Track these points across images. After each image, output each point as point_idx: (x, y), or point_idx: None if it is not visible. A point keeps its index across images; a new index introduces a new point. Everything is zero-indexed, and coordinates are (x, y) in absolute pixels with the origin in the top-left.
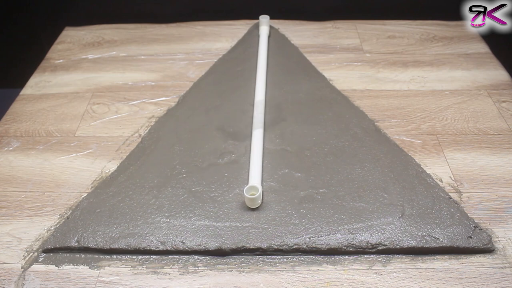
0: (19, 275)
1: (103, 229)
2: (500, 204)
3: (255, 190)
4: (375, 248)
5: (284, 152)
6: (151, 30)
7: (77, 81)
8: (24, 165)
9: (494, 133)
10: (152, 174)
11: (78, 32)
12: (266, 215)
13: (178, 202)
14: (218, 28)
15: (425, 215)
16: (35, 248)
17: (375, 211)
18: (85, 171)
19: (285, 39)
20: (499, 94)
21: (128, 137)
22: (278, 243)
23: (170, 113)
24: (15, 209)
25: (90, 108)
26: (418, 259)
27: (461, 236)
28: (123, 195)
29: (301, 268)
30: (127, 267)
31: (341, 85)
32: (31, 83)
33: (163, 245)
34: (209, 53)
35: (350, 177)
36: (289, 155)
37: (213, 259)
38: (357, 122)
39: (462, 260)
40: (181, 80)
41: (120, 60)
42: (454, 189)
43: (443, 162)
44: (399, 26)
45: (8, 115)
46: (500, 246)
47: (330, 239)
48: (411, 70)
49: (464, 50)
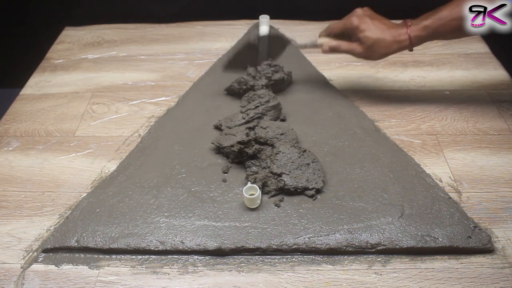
0: (18, 275)
1: (102, 229)
2: (500, 204)
3: (255, 190)
4: (375, 248)
5: None
6: (151, 30)
7: (77, 81)
8: (23, 165)
9: (494, 133)
10: (151, 174)
11: (78, 32)
12: (266, 215)
13: (177, 202)
14: (218, 28)
15: (425, 215)
16: (35, 248)
17: (374, 211)
18: (85, 171)
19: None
20: (499, 94)
21: (127, 137)
22: (278, 243)
23: (170, 113)
24: (15, 209)
25: (90, 108)
26: (417, 259)
27: (460, 236)
28: (123, 195)
29: (301, 268)
30: (127, 267)
31: (341, 85)
32: (31, 83)
33: (162, 245)
34: (209, 53)
35: (349, 177)
36: None
37: (212, 259)
38: (357, 122)
39: (461, 260)
40: (181, 80)
41: (120, 60)
42: (453, 189)
43: (443, 162)
44: None
45: (8, 115)
46: (500, 246)
47: (330, 239)
48: (411, 70)
49: (464, 50)
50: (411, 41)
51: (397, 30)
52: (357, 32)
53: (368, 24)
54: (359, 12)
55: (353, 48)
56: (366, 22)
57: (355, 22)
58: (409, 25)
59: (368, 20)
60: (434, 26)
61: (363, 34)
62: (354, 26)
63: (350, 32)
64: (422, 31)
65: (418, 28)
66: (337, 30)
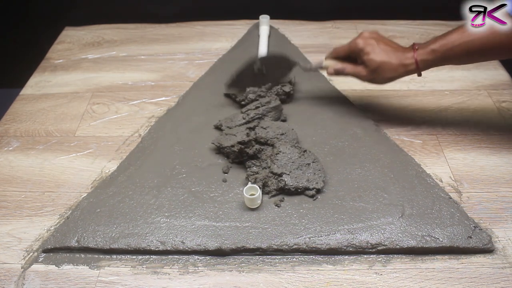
0: (19, 275)
1: (103, 229)
2: (500, 204)
3: (255, 190)
4: (375, 248)
5: None
6: (151, 30)
7: (77, 81)
8: (24, 165)
9: (494, 133)
10: (152, 174)
11: (78, 32)
12: (266, 215)
13: (178, 202)
14: (218, 28)
15: (425, 215)
16: (35, 248)
17: (375, 211)
18: (85, 171)
19: (285, 39)
20: (499, 94)
21: (128, 137)
22: (278, 243)
23: (170, 113)
24: (15, 209)
25: (90, 108)
26: (418, 259)
27: (461, 236)
28: (123, 195)
29: (301, 268)
30: (127, 267)
31: (341, 85)
32: (31, 83)
33: (163, 245)
34: (209, 53)
35: (350, 177)
36: None
37: (213, 259)
38: (357, 122)
39: (462, 260)
40: (181, 80)
41: (120, 60)
42: (454, 189)
43: (443, 162)
44: (399, 26)
45: (8, 115)
46: (500, 246)
47: (330, 239)
48: None
49: None
50: (418, 65)
51: (403, 53)
52: (362, 55)
53: (373, 46)
54: (365, 35)
55: (358, 71)
56: (371, 45)
57: (360, 45)
58: (416, 48)
59: (374, 42)
60: (442, 50)
61: (367, 57)
62: (359, 48)
63: (356, 54)
64: (430, 55)
65: (425, 52)
66: (343, 52)
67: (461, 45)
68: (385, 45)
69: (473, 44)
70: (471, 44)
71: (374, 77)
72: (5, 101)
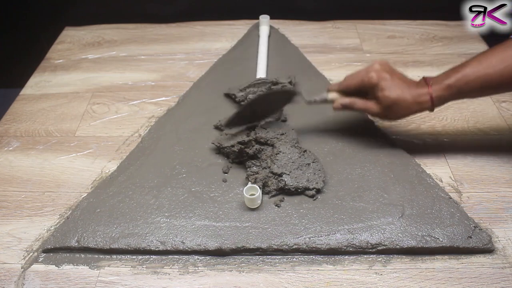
0: (19, 275)
1: (103, 229)
2: (500, 204)
3: (255, 190)
4: (375, 248)
5: None
6: (151, 30)
7: (77, 81)
8: (24, 165)
9: (494, 133)
10: (152, 174)
11: (78, 32)
12: (266, 215)
13: (178, 202)
14: (218, 28)
15: (425, 215)
16: (35, 248)
17: (375, 211)
18: (85, 171)
19: (285, 39)
20: (499, 94)
21: (128, 137)
22: (278, 243)
23: (170, 113)
24: (15, 209)
25: (90, 108)
26: (418, 259)
27: (461, 236)
28: (123, 195)
29: (301, 268)
30: (127, 267)
31: None
32: (31, 83)
33: (163, 245)
34: (209, 53)
35: (350, 177)
36: None
37: (213, 259)
38: (357, 122)
39: (462, 260)
40: (181, 80)
41: (120, 60)
42: (454, 189)
43: (443, 162)
44: (399, 26)
45: (8, 115)
46: (500, 246)
47: (330, 239)
48: (411, 70)
49: (464, 50)
50: (433, 102)
51: (417, 89)
52: (376, 91)
53: (388, 81)
54: (376, 67)
55: (369, 107)
56: (386, 79)
57: (374, 79)
58: (431, 84)
59: (388, 76)
60: (458, 85)
61: (382, 93)
62: (373, 83)
63: (368, 89)
64: (445, 91)
65: (440, 87)
66: (353, 86)
67: (477, 79)
68: (399, 80)
69: (490, 78)
70: (488, 78)
71: (387, 114)
72: (5, 101)
